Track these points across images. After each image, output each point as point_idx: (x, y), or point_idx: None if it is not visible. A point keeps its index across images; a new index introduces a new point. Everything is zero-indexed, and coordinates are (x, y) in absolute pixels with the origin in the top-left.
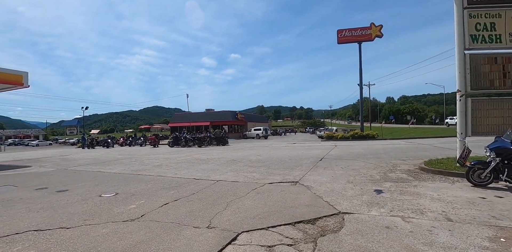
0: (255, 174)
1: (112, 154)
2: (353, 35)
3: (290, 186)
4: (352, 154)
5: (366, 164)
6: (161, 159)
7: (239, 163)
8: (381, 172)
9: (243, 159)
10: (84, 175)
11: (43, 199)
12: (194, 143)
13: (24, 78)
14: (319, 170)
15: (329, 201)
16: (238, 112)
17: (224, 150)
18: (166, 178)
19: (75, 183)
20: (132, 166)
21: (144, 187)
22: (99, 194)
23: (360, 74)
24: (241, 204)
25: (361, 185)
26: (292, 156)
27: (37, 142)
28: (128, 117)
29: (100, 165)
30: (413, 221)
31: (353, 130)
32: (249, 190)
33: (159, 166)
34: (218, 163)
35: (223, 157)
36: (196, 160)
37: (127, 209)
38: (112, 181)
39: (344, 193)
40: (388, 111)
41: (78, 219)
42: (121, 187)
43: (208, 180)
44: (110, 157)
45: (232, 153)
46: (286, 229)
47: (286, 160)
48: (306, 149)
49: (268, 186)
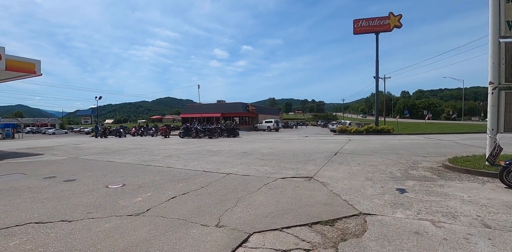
0: (267, 167)
1: (124, 143)
2: (370, 25)
3: (304, 181)
4: (368, 149)
5: (384, 160)
6: (171, 150)
7: (250, 156)
8: (401, 169)
9: (254, 151)
10: (94, 164)
11: (49, 189)
12: (205, 134)
13: (37, 66)
14: (334, 165)
15: (347, 200)
16: (250, 104)
17: (235, 141)
18: (175, 170)
19: (83, 172)
20: (142, 156)
21: (152, 178)
22: (106, 184)
23: (376, 66)
24: (253, 200)
25: (382, 182)
26: (305, 149)
27: (54, 130)
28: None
29: (111, 154)
30: (445, 226)
31: (367, 124)
32: (260, 185)
33: (169, 157)
34: (229, 155)
35: (234, 149)
36: (207, 152)
37: (133, 202)
38: (120, 171)
39: (364, 191)
40: (402, 105)
41: (81, 211)
42: (129, 178)
43: (218, 173)
44: (121, 147)
45: (243, 145)
46: (303, 231)
47: (299, 154)
48: (319, 143)
49: (281, 181)
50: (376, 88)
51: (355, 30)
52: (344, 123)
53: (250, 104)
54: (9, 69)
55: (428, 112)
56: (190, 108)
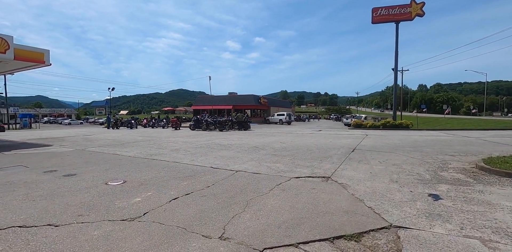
0: (280, 164)
1: (133, 135)
2: (390, 14)
3: (321, 182)
4: (388, 146)
5: (408, 159)
6: (180, 143)
7: (261, 151)
8: (429, 170)
9: (266, 146)
10: (99, 157)
11: (46, 184)
12: (215, 127)
13: (46, 56)
14: (353, 164)
15: (373, 207)
16: (262, 97)
17: (246, 135)
18: (181, 165)
19: (86, 166)
20: (149, 149)
21: (156, 174)
22: (106, 181)
23: (395, 58)
24: (263, 204)
25: (410, 186)
26: (319, 144)
27: (69, 120)
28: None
29: (118, 146)
30: (500, 248)
31: (383, 118)
32: (272, 185)
33: (177, 151)
34: (239, 149)
35: (245, 143)
36: (216, 145)
37: (130, 203)
38: (124, 165)
39: (391, 197)
40: (419, 99)
41: (72, 213)
42: (131, 173)
43: (226, 170)
44: (130, 139)
45: (254, 138)
46: (323, 248)
47: (314, 150)
48: (334, 138)
49: (295, 180)
50: (395, 81)
51: (374, 19)
52: (359, 117)
53: (262, 97)
54: (17, 59)
55: (447, 107)
56: (201, 100)
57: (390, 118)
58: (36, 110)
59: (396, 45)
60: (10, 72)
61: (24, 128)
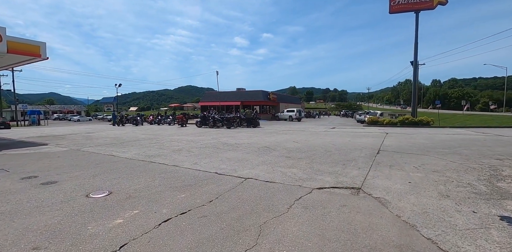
0: (296, 170)
1: (137, 132)
2: (410, 3)
3: (352, 196)
4: (416, 146)
5: (448, 163)
6: (184, 142)
7: (273, 152)
8: (482, 179)
9: (278, 145)
10: (92, 159)
11: (16, 196)
12: (223, 124)
13: (42, 49)
14: (384, 169)
15: (434, 240)
16: (271, 92)
17: (255, 133)
18: (182, 170)
19: (73, 170)
20: (149, 150)
21: (150, 183)
22: (89, 191)
23: (415, 50)
24: (282, 232)
25: (468, 203)
26: (337, 144)
27: (78, 117)
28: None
29: (117, 146)
30: None
31: (401, 114)
32: (291, 200)
33: (179, 151)
34: (248, 150)
35: (254, 142)
36: (223, 145)
37: (107, 228)
38: (116, 170)
39: (451, 220)
40: (433, 95)
41: (26, 245)
42: (122, 181)
43: (233, 177)
44: (133, 137)
45: (264, 137)
46: None
47: (332, 151)
48: (352, 136)
49: (318, 193)
50: (415, 74)
51: (392, 9)
52: (374, 114)
53: (271, 93)
54: (11, 52)
55: (466, 103)
56: (209, 96)
57: (408, 114)
58: (46, 107)
59: (416, 36)
60: (7, 67)
61: (32, 125)
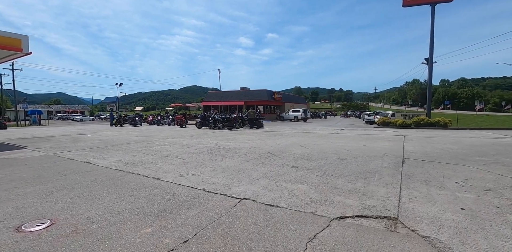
0: (306, 186)
1: (131, 134)
2: None
3: (388, 233)
4: (445, 153)
5: (497, 177)
6: (177, 146)
7: (277, 160)
8: None
9: (282, 151)
10: (62, 168)
11: None
12: (224, 125)
13: (24, 43)
14: (420, 187)
15: None
16: (275, 92)
17: (258, 135)
18: (161, 185)
19: (27, 185)
20: (135, 155)
21: (114, 206)
22: (24, 221)
23: (430, 46)
24: None
25: None
26: (352, 150)
27: (81, 117)
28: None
29: (101, 150)
30: None
31: (416, 115)
32: (301, 242)
33: (167, 158)
34: (248, 157)
35: (256, 146)
36: (219, 150)
37: None
38: (82, 184)
39: None
40: (442, 95)
41: None
42: (79, 202)
43: (225, 197)
44: (124, 139)
45: (268, 140)
46: None
47: (347, 158)
48: (366, 139)
49: (339, 227)
50: (430, 72)
51: (405, 2)
52: (385, 114)
53: (276, 92)
54: None
55: (479, 103)
56: (212, 96)
57: (423, 115)
58: (50, 107)
59: (432, 31)
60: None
61: (33, 125)
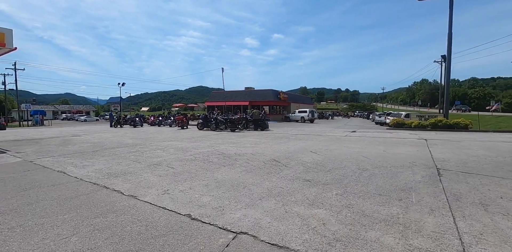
0: (324, 212)
1: (127, 136)
2: None
3: None
4: (483, 161)
5: None
6: (171, 150)
7: (285, 170)
8: None
9: (290, 158)
10: (28, 179)
11: None
12: (226, 126)
13: (7, 37)
14: (478, 214)
15: None
16: (281, 92)
17: (263, 137)
18: (137, 208)
19: None
20: (119, 163)
21: (58, 246)
22: None
23: (448, 41)
24: None
25: None
26: (371, 157)
27: (85, 117)
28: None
29: (86, 156)
30: None
31: (432, 115)
32: None
33: (156, 167)
34: (250, 165)
35: (260, 151)
36: (218, 156)
37: None
38: (35, 206)
39: None
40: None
41: None
42: (16, 236)
43: (215, 229)
44: (116, 142)
45: (274, 144)
46: None
47: (369, 168)
48: (383, 144)
49: None
50: (448, 69)
51: None
52: (398, 115)
53: (282, 92)
54: None
55: (495, 103)
56: (216, 96)
57: (440, 116)
58: (55, 107)
59: (450, 25)
60: None
61: (36, 125)
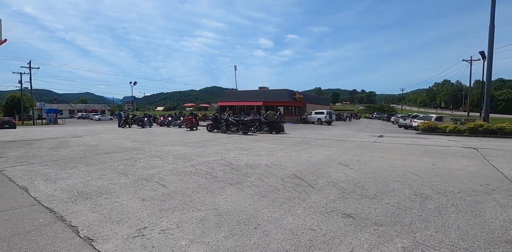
0: None
1: (129, 138)
2: None
3: None
4: None
5: None
6: (170, 159)
7: (312, 195)
8: None
9: (316, 174)
10: None
11: None
12: (238, 129)
13: None
14: None
15: None
16: (297, 92)
17: (279, 142)
18: None
19: None
20: (101, 177)
21: None
22: None
23: (490, 35)
24: None
25: None
26: (422, 174)
27: (99, 116)
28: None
29: (67, 165)
30: None
31: (469, 119)
32: None
33: (143, 184)
34: (264, 185)
35: (277, 162)
36: (224, 169)
37: None
38: None
39: None
40: (477, 97)
41: None
42: None
43: None
44: (114, 146)
45: (292, 152)
46: None
47: (430, 194)
48: (426, 154)
49: None
50: (489, 67)
51: None
52: (428, 118)
53: (297, 92)
54: None
55: None
56: (229, 96)
57: (479, 120)
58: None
59: (492, 17)
60: None
61: (49, 124)
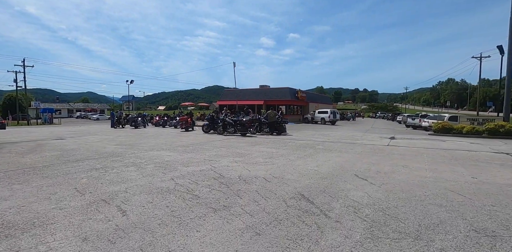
0: None
1: (114, 141)
2: None
3: None
4: None
5: None
6: (149, 168)
7: (327, 233)
8: None
9: (329, 193)
10: None
11: None
12: (236, 129)
13: None
14: None
15: None
16: (299, 90)
17: (280, 146)
18: None
19: None
20: (49, 196)
21: None
22: None
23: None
24: None
25: None
26: (469, 194)
27: (98, 116)
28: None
29: (19, 177)
30: None
31: (487, 119)
32: None
33: (96, 210)
34: (259, 212)
35: (277, 173)
36: (211, 184)
37: None
38: None
39: None
40: (483, 96)
41: None
42: None
43: None
44: (93, 150)
45: (296, 158)
46: None
47: (501, 235)
48: (456, 161)
49: None
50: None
51: None
52: (441, 118)
53: (300, 90)
54: None
55: None
56: (228, 94)
57: (498, 120)
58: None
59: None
60: None
61: (45, 123)
